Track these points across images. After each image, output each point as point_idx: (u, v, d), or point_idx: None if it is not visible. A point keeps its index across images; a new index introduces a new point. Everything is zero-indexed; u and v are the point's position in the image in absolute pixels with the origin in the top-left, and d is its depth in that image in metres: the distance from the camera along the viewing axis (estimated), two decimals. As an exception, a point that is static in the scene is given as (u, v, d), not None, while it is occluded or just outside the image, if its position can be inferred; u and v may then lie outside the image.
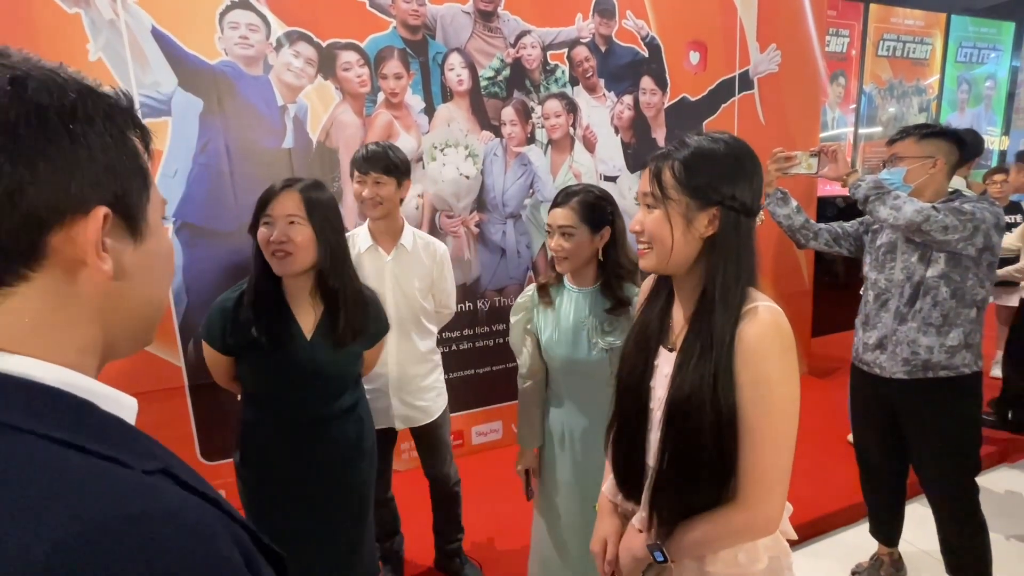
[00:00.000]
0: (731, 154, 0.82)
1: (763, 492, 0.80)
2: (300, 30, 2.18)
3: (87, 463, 0.31)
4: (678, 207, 0.82)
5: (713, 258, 0.82)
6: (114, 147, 0.37)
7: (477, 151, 2.54)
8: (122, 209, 0.38)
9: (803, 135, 3.35)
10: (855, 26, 4.31)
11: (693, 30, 2.91)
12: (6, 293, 0.34)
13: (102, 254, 0.36)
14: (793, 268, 3.47)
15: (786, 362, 0.79)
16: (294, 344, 1.21)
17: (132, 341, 0.43)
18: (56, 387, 0.34)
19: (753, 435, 0.79)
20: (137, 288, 0.40)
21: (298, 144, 2.23)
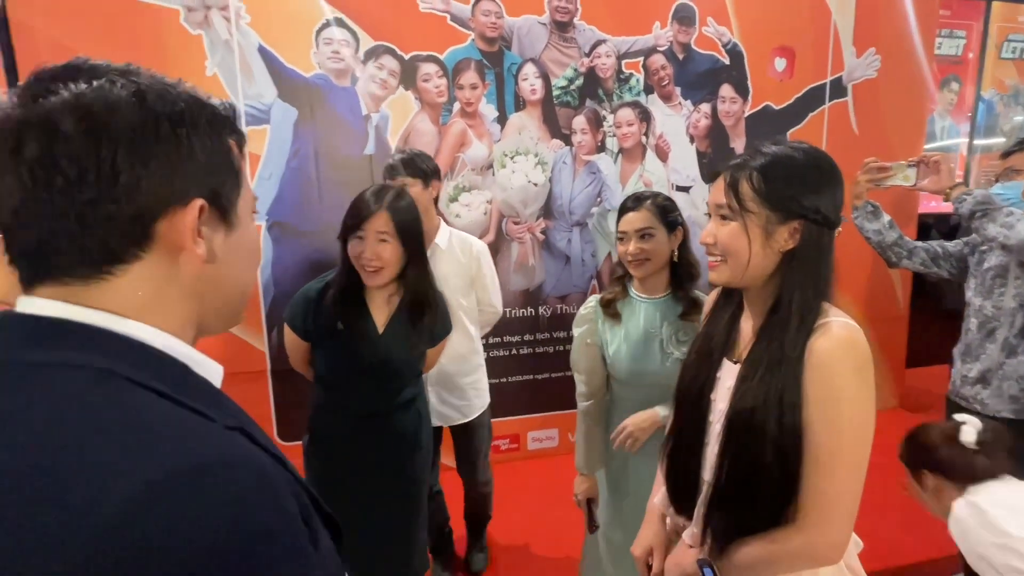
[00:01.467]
0: (812, 163, 0.79)
1: (827, 516, 0.75)
2: (386, 44, 2.33)
3: (180, 413, 0.37)
4: (757, 220, 0.79)
5: (792, 272, 0.79)
6: (213, 149, 0.43)
7: (546, 159, 2.57)
8: (217, 202, 0.44)
9: (904, 146, 3.07)
10: (973, 26, 3.88)
11: (780, 35, 2.77)
12: (124, 270, 0.40)
13: (198, 240, 0.42)
14: (887, 290, 3.18)
15: (860, 380, 0.75)
16: (368, 336, 1.31)
17: (221, 320, 0.49)
18: (161, 350, 0.41)
19: (820, 455, 0.75)
20: (226, 271, 0.46)
21: (378, 151, 2.38)
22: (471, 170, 2.49)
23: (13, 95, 0.39)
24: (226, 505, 0.33)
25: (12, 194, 0.37)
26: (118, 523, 0.31)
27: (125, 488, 0.32)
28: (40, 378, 0.36)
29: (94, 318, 0.39)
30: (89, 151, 0.37)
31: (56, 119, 0.36)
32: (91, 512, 0.31)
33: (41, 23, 1.99)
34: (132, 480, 0.32)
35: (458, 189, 2.50)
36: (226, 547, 0.32)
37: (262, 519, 0.35)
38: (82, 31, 2.00)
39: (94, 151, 0.37)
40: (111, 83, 0.39)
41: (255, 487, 0.35)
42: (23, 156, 0.36)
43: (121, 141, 0.38)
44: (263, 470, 0.37)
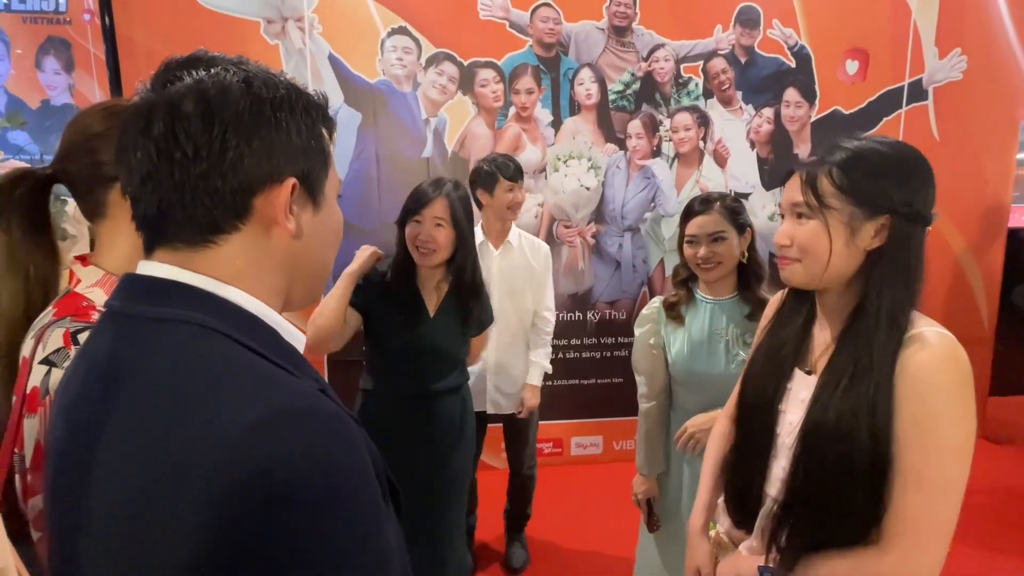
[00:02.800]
0: (899, 156, 0.74)
1: (920, 541, 0.70)
2: (446, 51, 2.41)
3: (276, 369, 0.42)
4: (840, 216, 0.74)
5: (880, 272, 0.74)
6: (307, 133, 0.46)
7: (600, 163, 2.56)
8: (307, 182, 0.47)
9: (993, 153, 2.83)
10: (1080, 24, 3.53)
11: (853, 36, 2.64)
12: (225, 239, 0.44)
13: (289, 216, 0.46)
14: (969, 308, 2.94)
15: (962, 399, 0.70)
16: (420, 319, 1.38)
17: (304, 294, 0.52)
18: (256, 315, 0.45)
19: (914, 475, 0.70)
20: (312, 248, 0.49)
21: (436, 153, 2.46)
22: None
23: (147, 83, 0.45)
24: (329, 440, 0.39)
25: (142, 165, 0.43)
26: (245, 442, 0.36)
27: (253, 413, 0.37)
28: (161, 329, 0.42)
29: (199, 281, 0.44)
30: (204, 129, 0.42)
31: (179, 101, 0.42)
32: (231, 424, 0.36)
33: (141, 35, 2.21)
34: (259, 407, 0.38)
35: (511, 192, 2.53)
36: (325, 476, 0.37)
37: (352, 461, 0.40)
38: (175, 41, 2.20)
39: (208, 129, 0.42)
40: (225, 71, 0.44)
41: (349, 435, 0.40)
42: (152, 133, 0.42)
43: (230, 121, 0.42)
44: (350, 424, 0.42)
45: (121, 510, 0.37)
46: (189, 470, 0.36)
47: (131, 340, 0.42)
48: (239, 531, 0.35)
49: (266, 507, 0.35)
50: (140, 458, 0.37)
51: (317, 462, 0.37)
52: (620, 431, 2.76)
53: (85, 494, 0.39)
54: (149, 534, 0.36)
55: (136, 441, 0.38)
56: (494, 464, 2.70)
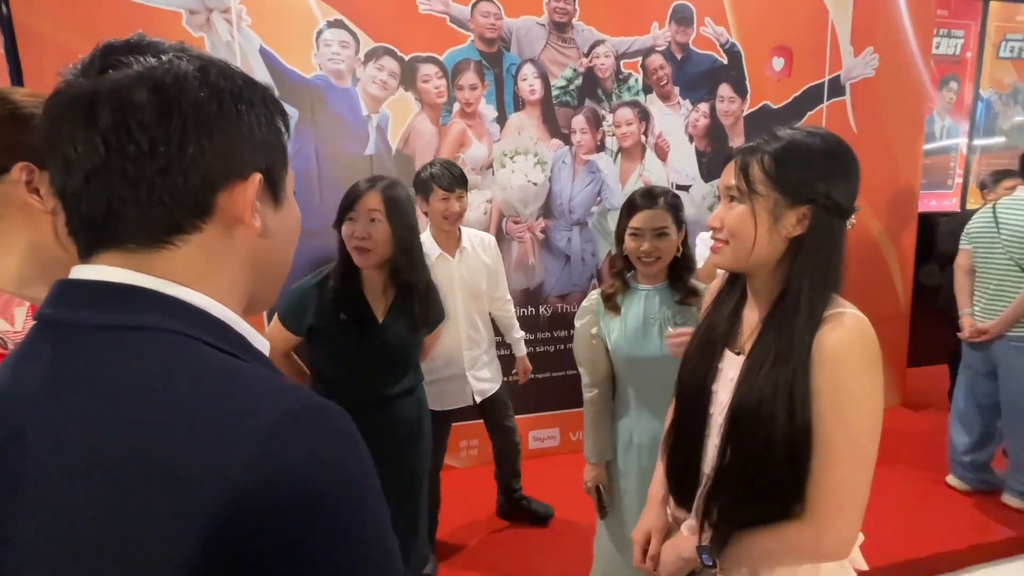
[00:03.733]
0: (828, 150, 0.77)
1: (836, 510, 0.74)
2: (386, 45, 2.35)
3: (266, 372, 0.40)
4: (765, 203, 0.77)
5: (800, 260, 0.77)
6: (267, 126, 0.44)
7: (546, 158, 2.58)
8: (269, 178, 0.45)
9: (903, 145, 3.08)
10: (971, 26, 3.89)
11: (778, 35, 2.79)
12: (185, 240, 0.41)
13: (255, 214, 0.43)
14: (887, 288, 3.18)
15: (870, 373, 0.74)
16: (368, 325, 1.32)
17: (267, 295, 0.50)
18: (223, 320, 0.42)
19: (828, 448, 0.74)
20: (276, 246, 0.47)
21: (379, 151, 2.39)
22: (471, 170, 2.50)
23: (77, 68, 0.40)
24: (341, 440, 0.38)
25: (86, 161, 0.38)
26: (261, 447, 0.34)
27: (265, 417, 0.35)
28: (114, 340, 0.37)
29: (161, 285, 0.40)
30: (160, 121, 0.38)
31: (129, 90, 0.38)
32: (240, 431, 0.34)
33: (47, 27, 2.02)
34: (269, 410, 0.35)
35: (458, 189, 2.51)
36: (351, 472, 0.37)
37: (366, 456, 0.39)
38: (86, 34, 2.02)
39: (165, 122, 0.38)
40: (178, 58, 0.40)
41: (355, 433, 0.39)
42: (97, 125, 0.37)
43: (189, 113, 0.39)
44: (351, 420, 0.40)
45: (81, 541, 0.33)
46: (188, 487, 0.32)
47: (80, 352, 0.37)
48: (255, 538, 0.33)
49: (294, 507, 0.33)
50: (110, 481, 0.33)
51: (341, 460, 0.37)
52: (576, 422, 2.80)
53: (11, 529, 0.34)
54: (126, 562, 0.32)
55: (106, 460, 0.33)
56: (453, 464, 2.68)
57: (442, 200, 1.78)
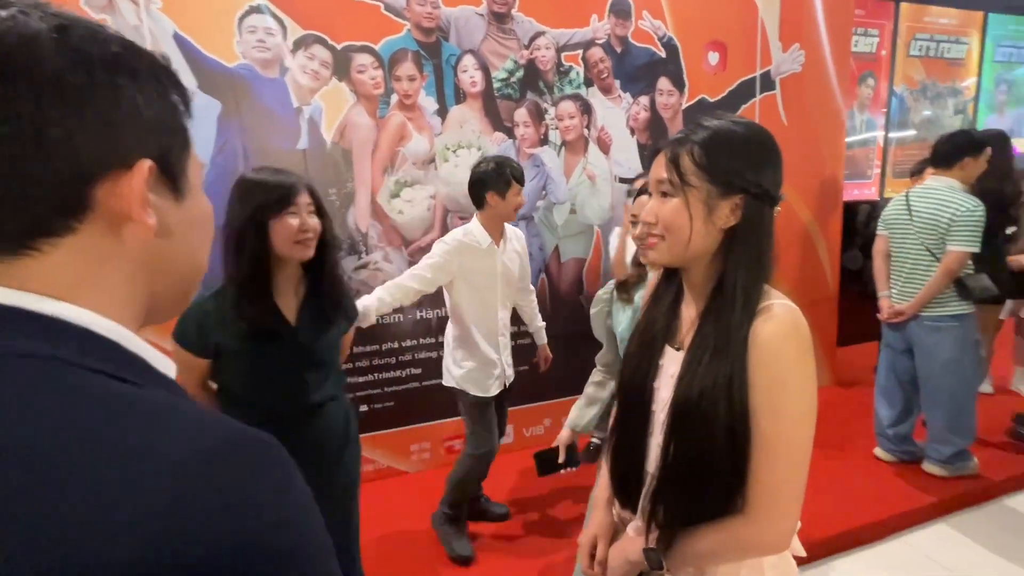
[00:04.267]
0: (754, 138, 0.77)
1: (776, 505, 0.74)
2: (316, 33, 2.22)
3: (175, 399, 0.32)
4: (699, 194, 0.75)
5: (734, 251, 0.76)
6: (157, 102, 0.37)
7: (489, 152, 2.53)
8: (165, 165, 0.37)
9: (828, 137, 3.24)
10: (885, 25, 4.17)
11: (712, 30, 2.86)
12: (55, 244, 0.33)
13: (147, 209, 0.36)
14: (817, 273, 3.36)
15: (803, 365, 0.73)
16: (281, 331, 1.22)
17: (173, 304, 0.43)
18: (113, 339, 0.34)
19: (766, 443, 0.73)
20: (180, 248, 0.40)
21: (312, 145, 2.27)
22: (412, 164, 2.42)
23: None
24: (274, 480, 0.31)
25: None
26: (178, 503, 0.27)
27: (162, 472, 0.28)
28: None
29: (22, 300, 0.32)
30: (4, 95, 0.30)
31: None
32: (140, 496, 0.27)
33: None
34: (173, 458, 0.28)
35: (399, 184, 2.42)
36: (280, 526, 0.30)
37: (301, 496, 0.33)
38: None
39: (11, 95, 0.30)
40: (24, 14, 0.31)
41: (290, 465, 0.33)
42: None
43: (45, 85, 0.31)
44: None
45: None
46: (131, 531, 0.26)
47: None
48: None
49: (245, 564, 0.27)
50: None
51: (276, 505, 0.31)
52: (529, 418, 2.79)
53: None
54: None
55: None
56: (404, 468, 2.60)
57: (516, 195, 1.87)
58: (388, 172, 2.39)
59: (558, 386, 2.78)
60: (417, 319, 2.52)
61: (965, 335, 2.28)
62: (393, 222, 2.42)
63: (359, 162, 2.34)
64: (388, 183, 2.39)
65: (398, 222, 2.43)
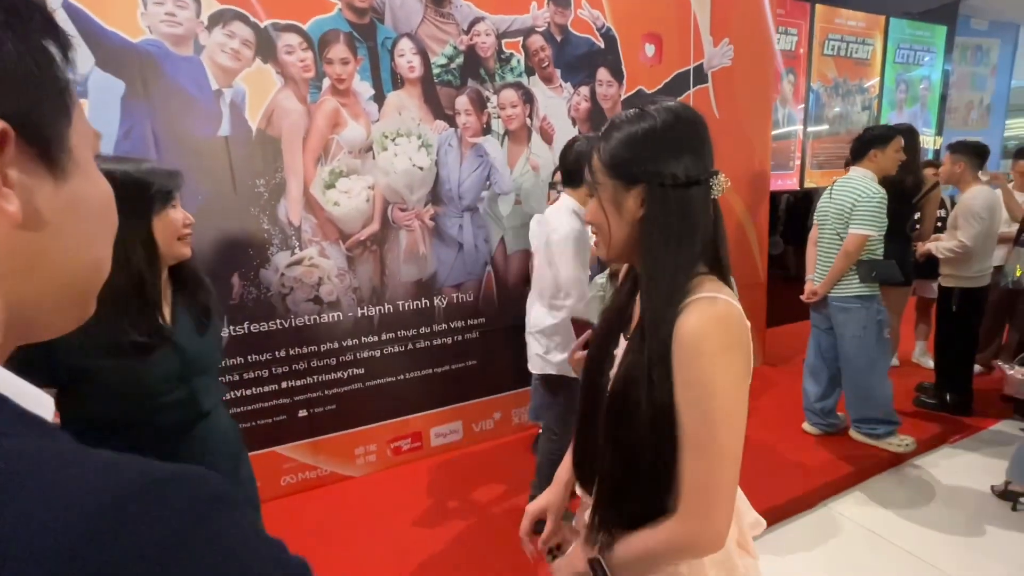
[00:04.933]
0: (653, 128, 0.73)
1: (704, 505, 0.71)
2: (234, 8, 2.03)
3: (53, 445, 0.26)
4: (606, 191, 0.77)
5: (642, 240, 0.75)
6: (18, 49, 0.28)
7: (431, 141, 2.44)
8: (31, 130, 0.28)
9: (756, 130, 3.41)
10: (803, 25, 4.44)
11: (648, 22, 2.90)
12: None
13: (3, 189, 0.27)
14: (748, 260, 3.54)
15: (728, 360, 0.69)
16: (161, 334, 1.07)
17: (62, 314, 0.33)
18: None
19: (691, 442, 0.70)
20: (61, 242, 0.31)
21: (235, 131, 2.08)
22: (348, 153, 2.29)
23: None
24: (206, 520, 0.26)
25: None
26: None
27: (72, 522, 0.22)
28: None
29: None
30: None
31: None
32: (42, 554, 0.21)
33: None
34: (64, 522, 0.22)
35: (335, 174, 2.28)
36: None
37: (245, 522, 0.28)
38: None
39: None
40: None
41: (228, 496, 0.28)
42: None
43: None
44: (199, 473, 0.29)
45: None
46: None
47: None
48: None
49: None
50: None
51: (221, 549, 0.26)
52: (478, 413, 2.75)
53: None
54: None
55: None
56: (350, 472, 2.49)
57: None
58: (322, 162, 2.24)
59: (506, 380, 2.76)
60: (359, 316, 2.40)
61: (868, 315, 2.47)
62: (329, 214, 2.28)
63: (289, 151, 2.18)
64: (322, 173, 2.25)
65: (334, 214, 2.29)
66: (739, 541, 0.84)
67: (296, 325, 2.28)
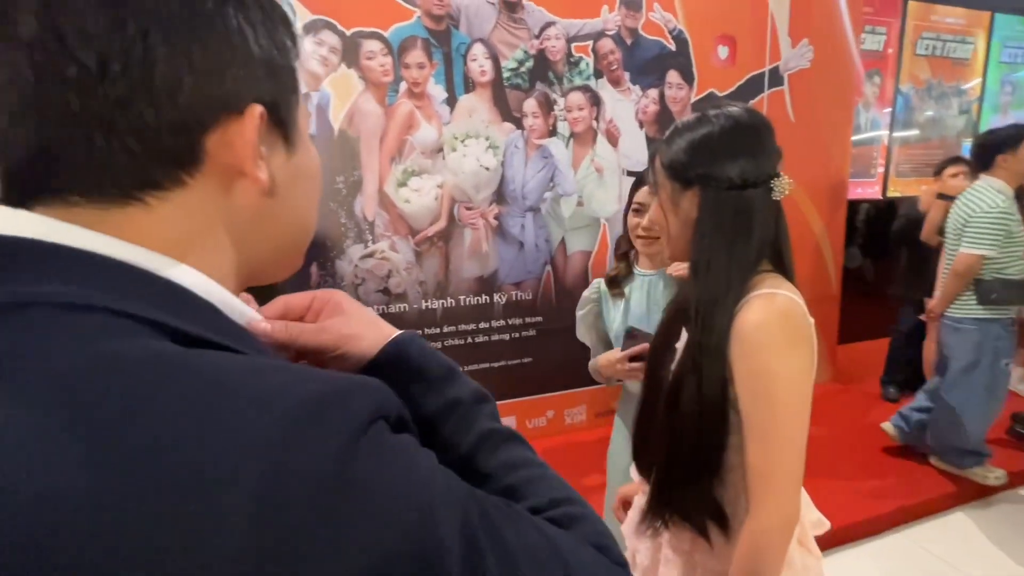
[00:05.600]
0: (713, 131, 0.77)
1: (776, 492, 0.74)
2: (324, 18, 2.19)
3: (272, 360, 0.31)
4: (666, 192, 0.81)
5: (697, 240, 0.79)
6: (270, 40, 0.32)
7: (498, 142, 2.52)
8: (276, 112, 0.33)
9: (835, 135, 3.24)
10: (893, 23, 4.15)
11: (722, 24, 2.84)
12: (161, 199, 0.30)
13: (259, 162, 0.32)
14: (820, 271, 3.37)
15: (790, 354, 0.72)
16: None
17: (276, 267, 0.39)
18: (213, 303, 0.31)
19: (757, 433, 0.74)
20: (289, 206, 0.36)
21: (320, 132, 2.25)
22: (420, 153, 2.41)
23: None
24: (383, 409, 0.30)
25: (7, 92, 0.27)
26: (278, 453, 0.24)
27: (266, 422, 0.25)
28: (17, 320, 0.25)
29: (95, 242, 0.28)
30: (110, 28, 0.27)
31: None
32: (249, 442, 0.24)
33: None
34: (275, 412, 0.25)
35: (407, 173, 2.40)
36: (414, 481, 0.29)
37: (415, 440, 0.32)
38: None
39: (117, 29, 0.27)
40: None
41: (394, 398, 0.32)
42: (18, 35, 0.26)
43: (151, 17, 0.27)
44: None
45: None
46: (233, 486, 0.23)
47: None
48: None
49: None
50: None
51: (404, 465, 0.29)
52: (532, 410, 2.80)
53: None
54: None
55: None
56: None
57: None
58: (396, 161, 2.37)
59: (561, 379, 2.78)
60: (423, 309, 2.51)
61: (983, 339, 2.22)
62: (400, 211, 2.41)
63: (367, 150, 2.32)
64: (396, 172, 2.38)
65: (405, 211, 2.42)
66: (800, 539, 0.84)
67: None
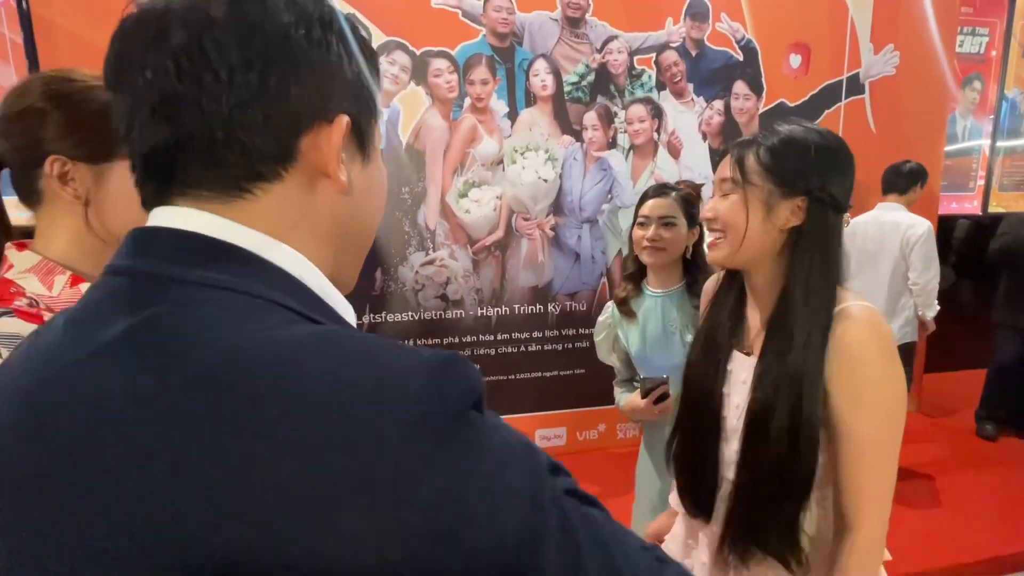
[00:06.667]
0: (825, 144, 0.77)
1: (878, 506, 0.74)
2: (398, 39, 2.34)
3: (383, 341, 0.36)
4: (759, 193, 0.77)
5: (800, 252, 0.77)
6: (359, 68, 0.38)
7: (557, 155, 2.56)
8: (358, 126, 0.38)
9: (924, 145, 3.00)
10: (997, 24, 3.79)
11: (795, 31, 2.73)
12: (265, 190, 0.35)
13: (341, 165, 0.37)
14: (904, 292, 3.11)
15: (891, 365, 0.73)
16: None
17: (349, 273, 0.43)
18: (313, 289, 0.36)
19: (860, 448, 0.73)
20: (361, 211, 0.41)
21: (389, 146, 2.39)
22: (481, 165, 2.49)
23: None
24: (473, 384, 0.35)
25: (153, 90, 0.33)
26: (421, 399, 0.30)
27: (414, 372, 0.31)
28: (210, 299, 0.32)
29: (252, 240, 0.34)
30: (242, 45, 0.33)
31: (205, 4, 0.33)
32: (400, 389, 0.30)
33: (61, 18, 2.04)
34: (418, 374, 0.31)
35: (468, 184, 2.50)
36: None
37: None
38: (103, 25, 2.04)
39: (247, 46, 0.33)
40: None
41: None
42: (169, 43, 0.32)
43: (274, 38, 0.34)
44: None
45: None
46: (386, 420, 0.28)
47: (174, 309, 0.31)
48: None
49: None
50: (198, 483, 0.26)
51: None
52: (583, 422, 2.78)
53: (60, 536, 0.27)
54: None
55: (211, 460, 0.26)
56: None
57: None
58: (458, 173, 2.47)
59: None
60: (479, 316, 2.59)
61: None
62: (460, 221, 2.50)
63: (431, 162, 2.44)
64: (457, 183, 2.48)
65: (465, 221, 2.51)
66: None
67: (424, 319, 2.52)
